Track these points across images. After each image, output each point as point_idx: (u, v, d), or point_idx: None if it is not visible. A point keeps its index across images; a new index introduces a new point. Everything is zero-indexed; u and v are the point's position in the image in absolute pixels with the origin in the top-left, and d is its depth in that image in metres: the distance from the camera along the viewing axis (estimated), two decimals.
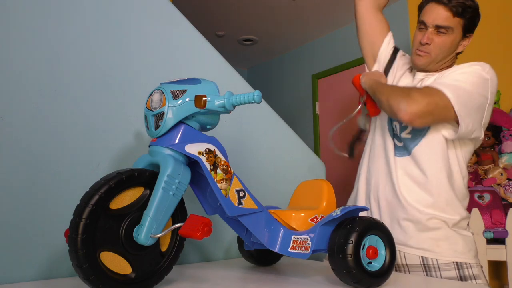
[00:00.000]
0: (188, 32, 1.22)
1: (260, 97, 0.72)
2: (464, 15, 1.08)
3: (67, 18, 0.97)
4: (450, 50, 1.12)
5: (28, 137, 0.88)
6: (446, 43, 1.10)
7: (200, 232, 0.63)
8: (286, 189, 1.40)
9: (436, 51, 1.10)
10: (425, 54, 1.11)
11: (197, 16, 3.61)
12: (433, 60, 1.12)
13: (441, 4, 1.07)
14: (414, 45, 1.15)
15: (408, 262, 1.11)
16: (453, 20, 1.08)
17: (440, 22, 1.08)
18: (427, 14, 1.10)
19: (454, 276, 1.05)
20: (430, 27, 1.09)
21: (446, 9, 1.07)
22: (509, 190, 2.18)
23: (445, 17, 1.07)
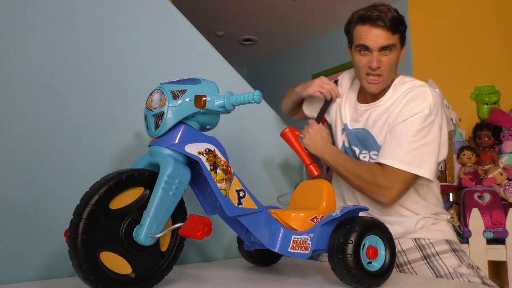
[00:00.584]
0: (188, 32, 1.22)
1: (260, 97, 0.72)
2: (399, 29, 1.10)
3: (67, 18, 0.97)
4: (396, 65, 1.14)
5: (28, 137, 0.88)
6: (393, 61, 1.11)
7: (200, 232, 0.63)
8: (286, 189, 1.40)
9: (387, 71, 1.11)
10: (379, 78, 1.11)
11: (197, 16, 3.61)
12: (386, 80, 1.13)
13: (377, 26, 1.07)
14: (361, 70, 1.13)
15: (404, 247, 1.16)
16: (394, 37, 1.09)
17: (383, 43, 1.07)
18: (367, 38, 1.08)
19: (447, 248, 1.13)
20: (375, 50, 1.08)
21: (384, 30, 1.07)
22: (509, 190, 2.18)
23: (386, 38, 1.07)
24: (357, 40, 1.11)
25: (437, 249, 1.12)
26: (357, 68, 1.15)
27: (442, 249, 1.12)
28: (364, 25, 1.09)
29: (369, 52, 1.09)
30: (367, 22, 1.08)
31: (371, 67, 1.09)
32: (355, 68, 1.18)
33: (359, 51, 1.11)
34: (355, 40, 1.13)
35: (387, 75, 1.11)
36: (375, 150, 1.13)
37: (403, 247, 1.16)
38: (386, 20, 1.06)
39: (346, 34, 1.19)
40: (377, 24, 1.07)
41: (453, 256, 1.10)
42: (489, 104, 2.65)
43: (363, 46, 1.09)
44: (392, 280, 0.83)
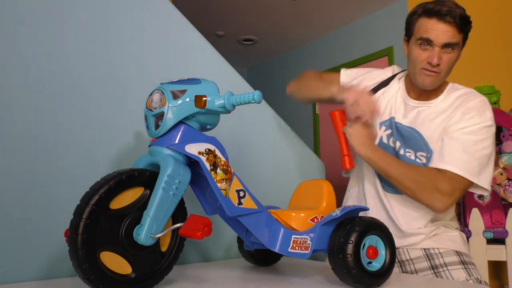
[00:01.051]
0: (188, 32, 1.22)
1: (260, 97, 0.72)
2: (465, 29, 1.05)
3: (67, 18, 0.97)
4: (455, 63, 1.09)
5: (28, 137, 0.88)
6: (453, 59, 1.06)
7: (200, 232, 0.63)
8: (286, 189, 1.40)
9: (445, 70, 1.06)
10: (435, 74, 1.05)
11: (197, 16, 3.61)
12: (442, 79, 1.08)
13: (445, 21, 1.01)
14: (417, 64, 1.07)
15: (412, 255, 1.14)
16: (459, 36, 1.04)
17: (448, 39, 1.02)
18: (431, 32, 1.02)
19: (456, 260, 1.09)
20: (438, 46, 1.03)
21: (451, 25, 1.01)
22: (509, 190, 2.18)
23: (452, 34, 1.02)
24: (419, 33, 1.05)
25: (446, 260, 1.09)
26: (413, 62, 1.09)
27: (451, 260, 1.09)
28: (430, 19, 1.03)
29: (430, 47, 1.04)
30: (435, 15, 1.02)
31: (431, 63, 1.03)
32: (409, 62, 1.11)
33: (420, 44, 1.06)
34: (416, 32, 1.06)
35: (444, 74, 1.06)
36: (423, 151, 1.09)
37: (411, 255, 1.14)
38: (456, 17, 1.01)
39: (407, 25, 1.12)
40: (446, 19, 1.01)
41: (461, 269, 1.07)
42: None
43: (426, 39, 1.03)
44: (392, 280, 0.83)
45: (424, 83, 1.08)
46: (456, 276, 1.06)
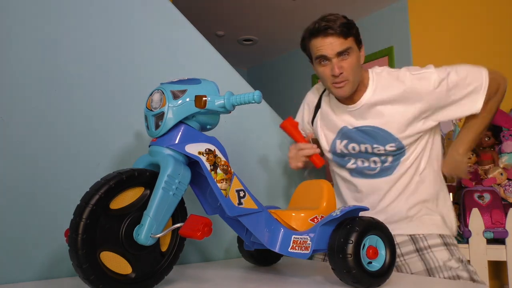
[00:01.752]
0: (188, 32, 1.22)
1: (260, 97, 0.72)
2: (351, 33, 1.13)
3: (67, 18, 0.97)
4: (359, 66, 1.16)
5: (28, 137, 0.88)
6: (354, 63, 1.13)
7: (200, 232, 0.63)
8: (286, 189, 1.40)
9: (351, 74, 1.13)
10: (344, 83, 1.13)
11: (197, 16, 3.61)
12: (353, 84, 1.14)
13: (328, 35, 1.11)
14: (326, 81, 1.16)
15: (398, 240, 1.19)
16: (347, 41, 1.12)
17: (339, 48, 1.11)
18: (322, 48, 1.12)
19: (439, 242, 1.16)
20: (333, 57, 1.11)
21: (335, 36, 1.10)
22: (509, 190, 2.18)
23: (339, 43, 1.10)
24: (314, 53, 1.16)
25: (430, 243, 1.16)
26: (323, 80, 1.18)
27: (434, 242, 1.16)
28: (317, 38, 1.13)
29: (328, 61, 1.13)
30: (319, 34, 1.12)
31: (334, 74, 1.12)
32: (321, 81, 1.21)
33: (320, 62, 1.15)
34: (313, 53, 1.17)
35: (352, 78, 1.13)
36: (391, 142, 1.15)
37: (397, 239, 1.18)
38: (336, 27, 1.10)
39: (304, 52, 1.23)
40: (328, 33, 1.11)
41: (444, 250, 1.14)
42: None
43: (321, 56, 1.13)
44: (392, 280, 0.83)
45: (339, 94, 1.17)
46: (439, 256, 1.13)
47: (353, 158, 1.22)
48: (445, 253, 1.14)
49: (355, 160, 1.22)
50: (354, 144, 1.20)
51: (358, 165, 1.22)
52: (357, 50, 1.15)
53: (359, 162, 1.21)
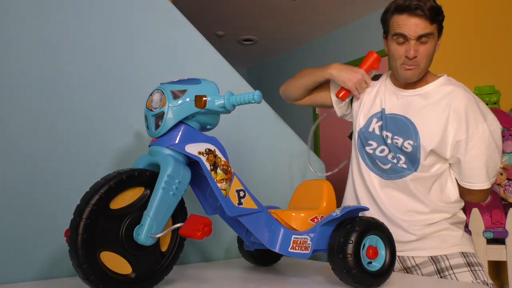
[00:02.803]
0: (188, 32, 1.22)
1: (260, 97, 0.72)
2: (438, 19, 1.09)
3: (67, 18, 0.97)
4: (433, 55, 1.13)
5: (28, 137, 0.88)
6: (430, 50, 1.10)
7: (200, 232, 0.63)
8: (286, 189, 1.40)
9: (424, 61, 1.10)
10: (415, 67, 1.10)
11: (197, 16, 3.61)
12: (422, 70, 1.12)
13: (415, 15, 1.06)
14: (397, 60, 1.12)
15: (417, 261, 1.14)
16: (432, 27, 1.08)
17: (421, 31, 1.07)
18: (404, 26, 1.08)
19: (462, 263, 1.10)
20: (413, 39, 1.08)
21: (422, 19, 1.06)
22: (509, 190, 2.18)
23: (424, 26, 1.07)
24: (394, 29, 1.10)
25: (452, 263, 1.10)
26: (393, 58, 1.14)
27: (456, 262, 1.10)
28: (401, 15, 1.08)
29: (406, 41, 1.09)
30: (405, 11, 1.07)
31: (408, 56, 1.08)
32: (390, 58, 1.16)
33: (396, 40, 1.11)
34: (391, 29, 1.12)
35: (423, 65, 1.11)
36: (412, 139, 1.11)
37: (416, 261, 1.14)
38: (425, 9, 1.05)
39: (382, 23, 1.17)
40: (416, 13, 1.06)
41: (467, 271, 1.08)
42: (489, 104, 2.64)
43: (401, 34, 1.09)
44: (392, 280, 0.83)
45: (405, 76, 1.13)
46: (462, 279, 1.06)
47: (375, 143, 1.18)
48: (468, 275, 1.07)
49: (376, 147, 1.18)
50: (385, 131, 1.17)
51: (376, 153, 1.18)
52: (437, 38, 1.12)
53: (378, 150, 1.18)
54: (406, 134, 1.13)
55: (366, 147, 1.20)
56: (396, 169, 1.14)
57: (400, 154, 1.14)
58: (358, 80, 1.21)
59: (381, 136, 1.18)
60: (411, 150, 1.11)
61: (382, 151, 1.17)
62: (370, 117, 1.22)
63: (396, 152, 1.14)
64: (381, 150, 1.17)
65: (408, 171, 1.13)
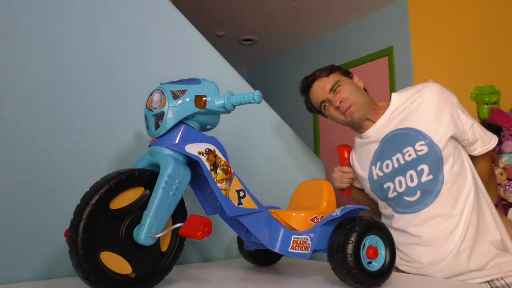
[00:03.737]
0: (188, 32, 1.22)
1: (260, 97, 0.72)
2: (333, 71, 1.23)
3: (67, 18, 0.97)
4: (358, 89, 1.21)
5: (28, 137, 0.88)
6: (349, 88, 1.19)
7: (200, 232, 0.63)
8: (286, 189, 1.40)
9: (353, 96, 1.18)
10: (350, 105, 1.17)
11: (197, 16, 3.61)
12: (361, 105, 1.18)
13: (313, 83, 1.23)
14: (337, 118, 1.22)
15: None
16: (332, 77, 1.21)
17: (328, 87, 1.20)
18: (316, 96, 1.23)
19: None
20: (329, 95, 1.20)
21: (321, 80, 1.22)
22: (509, 190, 2.18)
23: (324, 83, 1.21)
24: (316, 103, 1.26)
25: (507, 281, 1.04)
26: (336, 119, 1.24)
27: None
28: (309, 91, 1.26)
29: (328, 102, 1.22)
30: (307, 89, 1.27)
31: (337, 106, 1.18)
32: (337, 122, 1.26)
33: (324, 108, 1.24)
34: (316, 105, 1.27)
35: (355, 99, 1.18)
36: (421, 140, 1.09)
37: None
38: (317, 73, 1.23)
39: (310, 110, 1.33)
40: (313, 83, 1.24)
41: None
42: (489, 104, 2.65)
43: (321, 101, 1.23)
44: (392, 280, 0.83)
45: (353, 117, 1.20)
46: None
47: (391, 183, 1.14)
48: None
49: (394, 186, 1.13)
50: (387, 161, 1.15)
51: (397, 191, 1.12)
52: (348, 80, 1.22)
53: (397, 186, 1.12)
54: (411, 140, 1.11)
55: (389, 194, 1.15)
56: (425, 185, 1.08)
57: (420, 164, 1.09)
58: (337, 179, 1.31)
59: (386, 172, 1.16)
60: (428, 150, 1.08)
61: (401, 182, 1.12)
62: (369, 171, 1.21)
63: (415, 165, 1.10)
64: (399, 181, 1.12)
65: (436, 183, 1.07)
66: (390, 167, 1.15)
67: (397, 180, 1.13)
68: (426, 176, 1.08)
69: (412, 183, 1.10)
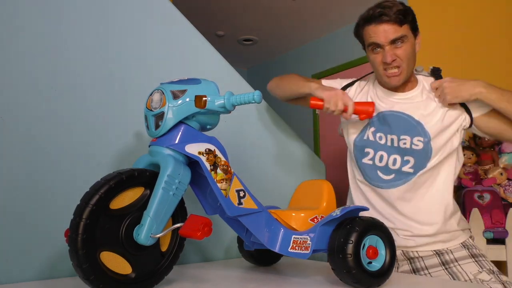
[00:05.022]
0: (188, 32, 1.22)
1: (260, 97, 0.72)
2: (407, 20, 1.10)
3: (67, 18, 0.97)
4: (414, 55, 1.14)
5: (28, 137, 0.88)
6: (408, 51, 1.10)
7: (200, 232, 0.63)
8: (286, 189, 1.40)
9: (404, 62, 1.11)
10: (397, 72, 1.11)
11: (197, 16, 3.61)
12: (407, 72, 1.12)
13: (382, 22, 1.08)
14: (378, 68, 1.14)
15: (421, 254, 1.15)
16: (402, 29, 1.09)
17: (392, 36, 1.08)
18: (375, 35, 1.09)
19: (466, 254, 1.11)
20: (386, 45, 1.09)
21: (390, 23, 1.07)
22: (509, 190, 2.18)
23: (394, 30, 1.08)
24: (367, 40, 1.13)
25: (456, 255, 1.11)
26: (374, 68, 1.16)
27: (461, 255, 1.11)
28: (370, 25, 1.10)
29: (381, 48, 1.10)
30: (372, 21, 1.09)
31: (386, 62, 1.09)
32: (373, 69, 1.18)
33: (372, 50, 1.13)
34: (365, 41, 1.14)
35: (405, 66, 1.11)
36: (420, 136, 1.11)
37: (420, 253, 1.15)
38: (391, 14, 1.07)
39: (358, 39, 1.20)
40: (382, 20, 1.07)
41: (472, 262, 1.09)
42: None
43: (374, 43, 1.11)
44: (392, 280, 0.83)
45: (391, 83, 1.14)
46: (468, 269, 1.07)
47: (372, 151, 1.17)
48: (474, 266, 1.08)
49: (373, 155, 1.16)
50: (380, 133, 1.16)
51: (374, 162, 1.16)
52: (413, 38, 1.12)
53: (377, 158, 1.16)
54: (412, 131, 1.12)
55: (364, 159, 1.19)
56: (403, 173, 1.13)
57: (409, 155, 1.12)
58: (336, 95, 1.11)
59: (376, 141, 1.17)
60: (422, 147, 1.11)
61: (382, 157, 1.15)
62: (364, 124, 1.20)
63: (404, 154, 1.12)
64: (381, 156, 1.16)
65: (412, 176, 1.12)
66: (382, 141, 1.16)
67: (379, 153, 1.16)
68: (408, 168, 1.12)
69: (393, 166, 1.14)
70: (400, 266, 1.18)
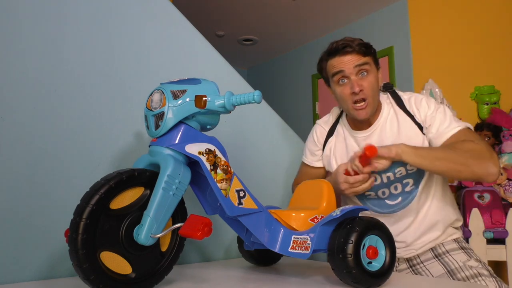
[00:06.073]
0: (188, 32, 1.22)
1: (260, 97, 0.72)
2: (369, 52, 1.11)
3: (67, 18, 0.97)
4: (378, 87, 1.13)
5: (28, 137, 0.88)
6: (373, 83, 1.10)
7: (200, 232, 0.63)
8: (286, 189, 1.40)
9: (370, 94, 1.09)
10: (365, 104, 1.09)
11: (197, 16, 3.61)
12: (372, 104, 1.11)
13: (346, 53, 1.09)
14: (346, 101, 1.11)
15: (418, 252, 1.18)
16: (365, 58, 1.10)
17: (357, 62, 1.08)
18: (339, 65, 1.09)
19: (456, 247, 1.17)
20: (352, 75, 1.08)
21: (354, 54, 1.09)
22: (509, 190, 2.18)
23: (358, 58, 1.09)
24: (330, 71, 1.13)
25: (447, 248, 1.16)
26: (342, 100, 1.13)
27: (451, 247, 1.16)
28: (334, 57, 1.11)
29: (347, 79, 1.10)
30: (336, 53, 1.11)
31: (355, 92, 1.08)
32: (340, 102, 1.16)
33: (338, 82, 1.12)
34: (329, 72, 1.14)
35: (371, 98, 1.10)
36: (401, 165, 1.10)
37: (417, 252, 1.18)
38: (354, 46, 1.09)
39: (321, 73, 1.20)
40: (346, 51, 1.09)
41: (462, 252, 1.15)
42: (489, 104, 2.65)
43: (339, 72, 1.10)
44: (392, 280, 0.83)
45: (360, 116, 1.12)
46: (458, 258, 1.13)
47: (373, 193, 1.15)
48: (463, 255, 1.13)
49: (375, 194, 1.15)
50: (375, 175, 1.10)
51: (379, 197, 1.15)
52: (376, 70, 1.13)
53: (380, 194, 1.15)
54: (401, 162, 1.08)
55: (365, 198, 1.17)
56: (407, 193, 1.14)
57: (407, 179, 1.12)
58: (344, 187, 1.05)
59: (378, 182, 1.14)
60: (417, 169, 1.09)
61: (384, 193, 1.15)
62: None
63: (402, 180, 1.12)
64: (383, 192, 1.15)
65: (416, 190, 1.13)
66: (378, 181, 1.13)
67: (381, 191, 1.15)
68: (410, 187, 1.14)
69: (395, 191, 1.14)
70: (399, 265, 1.21)
